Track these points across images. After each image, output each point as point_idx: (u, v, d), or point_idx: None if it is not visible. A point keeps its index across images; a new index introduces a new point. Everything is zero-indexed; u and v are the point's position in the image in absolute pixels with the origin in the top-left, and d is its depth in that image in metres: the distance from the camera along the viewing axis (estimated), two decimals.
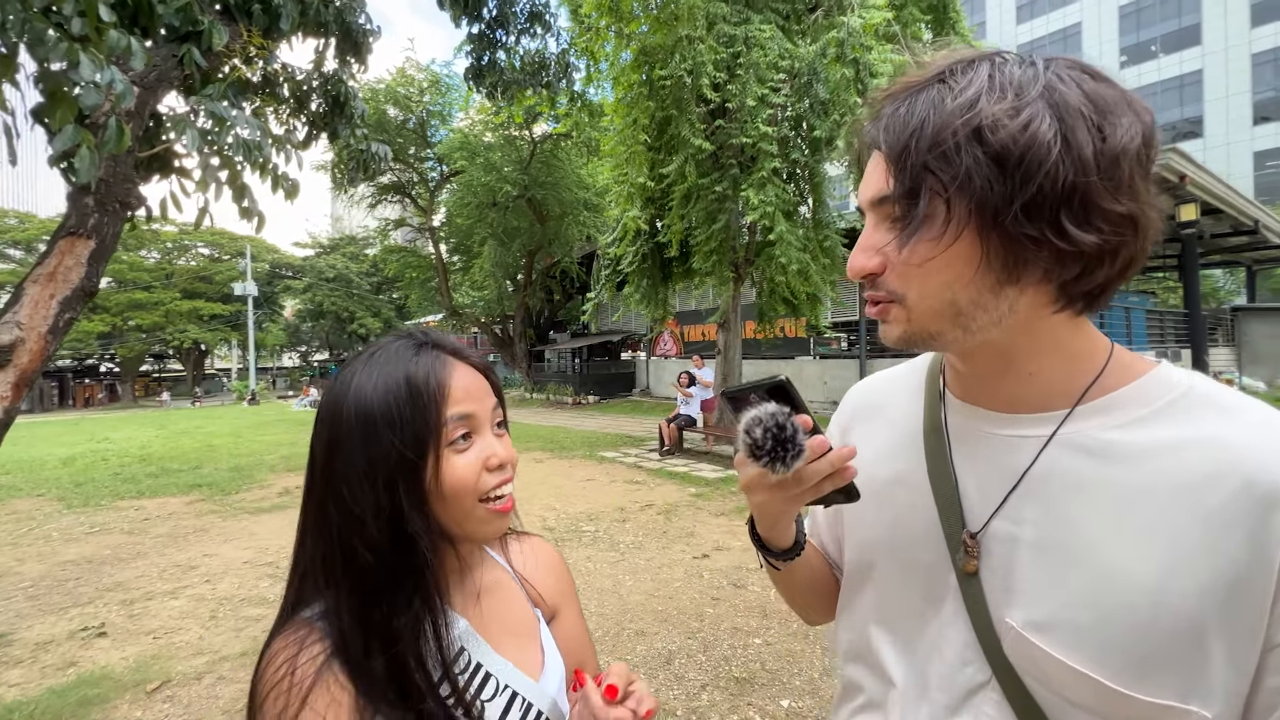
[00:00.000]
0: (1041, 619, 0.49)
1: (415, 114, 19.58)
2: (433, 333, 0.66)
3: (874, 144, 0.50)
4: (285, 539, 5.26)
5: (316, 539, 0.60)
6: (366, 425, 0.58)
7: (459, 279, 23.14)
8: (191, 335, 32.57)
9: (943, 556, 0.56)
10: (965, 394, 0.58)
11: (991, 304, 0.48)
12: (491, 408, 0.65)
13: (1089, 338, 0.52)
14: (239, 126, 3.19)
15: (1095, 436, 0.50)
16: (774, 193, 7.25)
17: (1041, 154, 0.42)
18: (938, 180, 0.45)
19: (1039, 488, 0.51)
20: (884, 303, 0.51)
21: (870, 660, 0.63)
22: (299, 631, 0.57)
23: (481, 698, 0.61)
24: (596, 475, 7.71)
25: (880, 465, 0.63)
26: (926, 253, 0.47)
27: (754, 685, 2.70)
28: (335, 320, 37.84)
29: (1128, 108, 0.44)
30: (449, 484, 0.59)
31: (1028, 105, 0.43)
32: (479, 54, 5.38)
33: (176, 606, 3.84)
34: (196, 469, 9.05)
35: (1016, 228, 0.43)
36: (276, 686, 0.53)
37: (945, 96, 0.45)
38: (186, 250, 35.82)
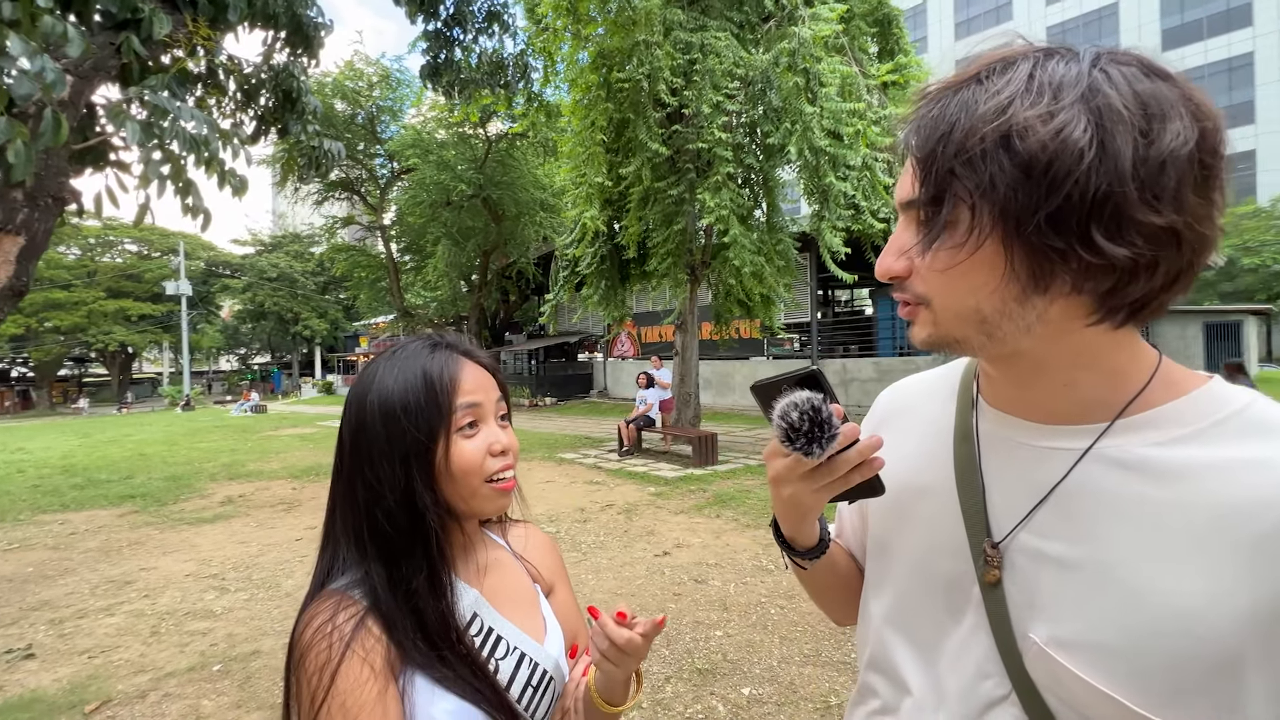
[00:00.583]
0: (1067, 637, 0.47)
1: (364, 109, 18.98)
2: (448, 335, 0.75)
3: (905, 145, 0.48)
4: (230, 550, 5.04)
5: (346, 512, 0.69)
6: (387, 413, 0.67)
7: (411, 279, 22.55)
8: (117, 337, 30.59)
9: (966, 566, 0.55)
10: (999, 401, 0.56)
11: (1018, 313, 0.45)
12: (496, 401, 0.73)
13: (1132, 351, 0.49)
14: (184, 120, 3.07)
15: (1134, 452, 0.48)
16: (729, 196, 7.42)
17: (1071, 162, 0.39)
18: (963, 186, 0.43)
19: (1070, 502, 0.49)
20: (912, 305, 0.51)
21: (888, 666, 0.62)
22: (331, 599, 0.64)
23: (495, 656, 0.69)
24: (556, 477, 7.69)
25: (908, 471, 0.62)
26: (949, 260, 0.45)
27: (716, 675, 2.79)
28: (278, 321, 36.22)
29: (1185, 110, 0.41)
30: (457, 465, 0.68)
31: (1064, 109, 0.40)
32: (435, 52, 5.31)
33: (113, 624, 3.64)
34: (128, 479, 8.53)
35: (1040, 239, 0.41)
36: (317, 644, 0.60)
37: (979, 98, 0.43)
38: (112, 246, 33.59)
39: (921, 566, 0.59)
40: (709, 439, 8.27)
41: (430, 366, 0.69)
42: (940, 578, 0.57)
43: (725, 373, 15.91)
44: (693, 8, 8.09)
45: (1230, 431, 0.46)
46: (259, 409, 21.52)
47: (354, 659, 0.60)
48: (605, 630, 0.67)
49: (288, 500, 6.91)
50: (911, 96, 0.50)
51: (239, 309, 37.29)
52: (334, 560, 0.69)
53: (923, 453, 0.62)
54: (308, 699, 0.59)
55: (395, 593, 0.65)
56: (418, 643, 0.63)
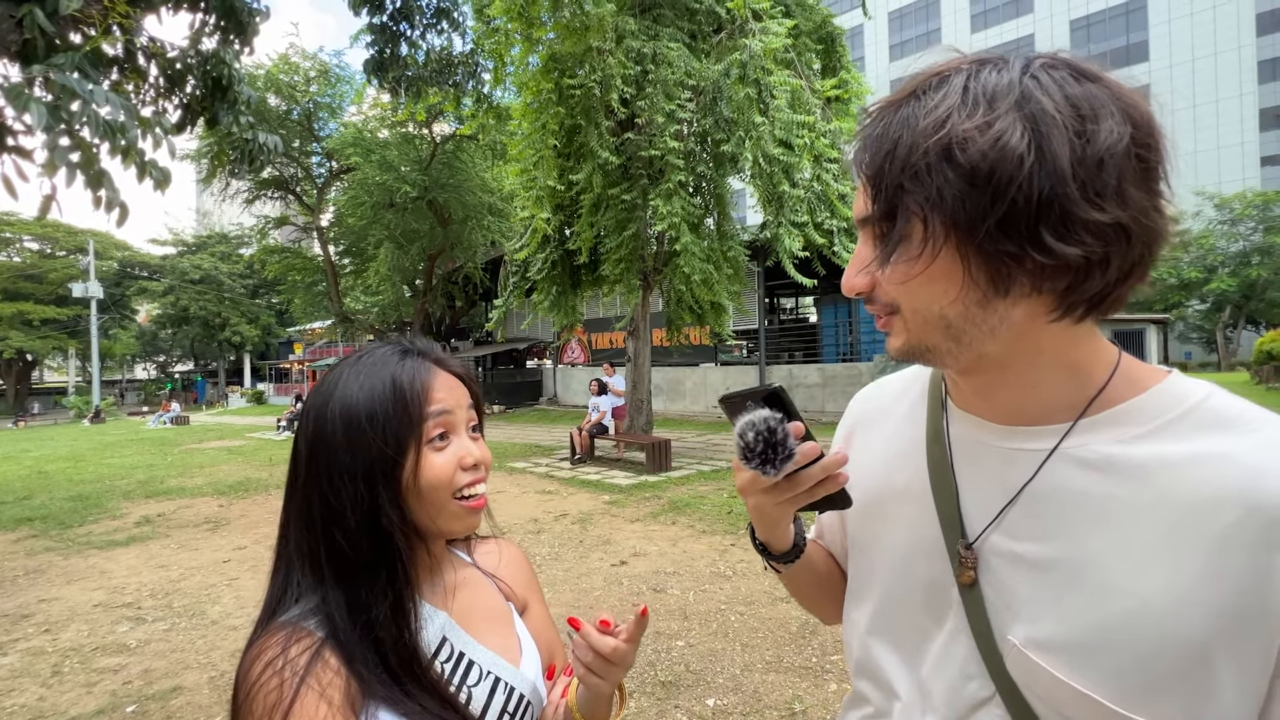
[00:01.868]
0: (1043, 637, 0.48)
1: (300, 105, 18.13)
2: (418, 341, 0.70)
3: (856, 164, 0.50)
4: (147, 575, 4.62)
5: (301, 532, 0.63)
6: (351, 423, 0.62)
7: (350, 282, 21.61)
8: (14, 343, 27.86)
9: (945, 568, 0.55)
10: (966, 404, 0.57)
11: (981, 318, 0.46)
12: (467, 410, 0.69)
13: (1093, 347, 0.50)
14: (97, 103, 2.79)
15: (1098, 450, 0.48)
16: (680, 204, 7.47)
17: (1012, 168, 0.40)
18: (913, 200, 0.44)
19: (1039, 503, 0.50)
20: (885, 316, 0.51)
21: (875, 671, 0.62)
22: (282, 631, 0.58)
23: (468, 683, 0.65)
24: (507, 487, 7.48)
25: (883, 475, 0.63)
26: (907, 272, 0.46)
27: (679, 687, 2.74)
28: (203, 326, 33.94)
29: (1116, 108, 0.42)
30: (426, 479, 0.63)
31: (1000, 117, 0.41)
32: (381, 46, 5.10)
33: (5, 665, 3.24)
34: (25, 500, 7.72)
35: (992, 244, 0.42)
36: (266, 681, 0.54)
37: (919, 113, 0.44)
38: (9, 244, 30.64)
39: (902, 569, 0.60)
40: (662, 445, 8.26)
41: (400, 374, 0.64)
42: (920, 580, 0.57)
43: (677, 379, 16.00)
44: (645, 16, 8.13)
45: (1189, 426, 0.47)
46: (180, 420, 20.06)
47: (309, 695, 0.53)
48: (590, 641, 0.64)
49: (214, 519, 6.42)
50: (857, 115, 0.56)
51: (158, 313, 34.69)
52: (286, 585, 0.63)
53: (896, 456, 0.63)
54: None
55: (355, 621, 0.59)
56: (381, 675, 0.58)
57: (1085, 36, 33.39)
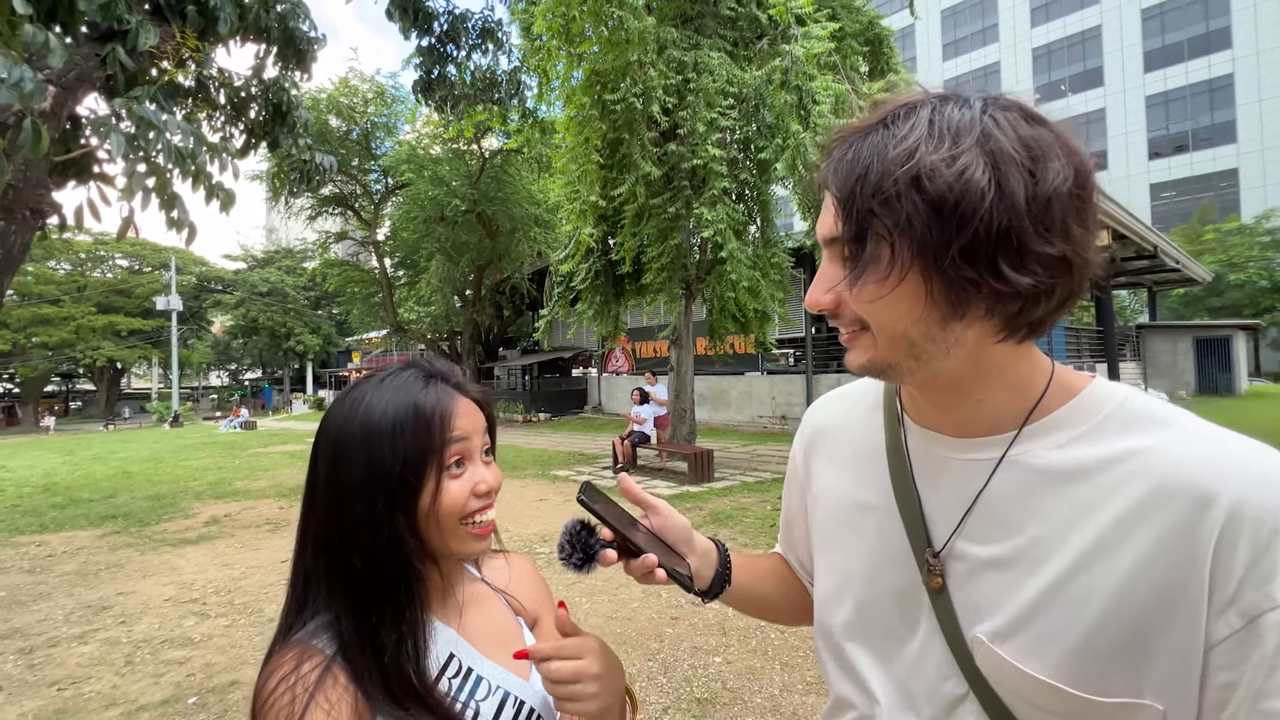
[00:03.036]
0: (1005, 631, 0.52)
1: (359, 125, 19.04)
2: (439, 364, 0.71)
3: (824, 184, 0.52)
4: (213, 573, 4.89)
5: (317, 551, 0.64)
6: (371, 446, 0.62)
7: (404, 294, 22.43)
8: (105, 353, 30.20)
9: (914, 576, 0.58)
10: (921, 418, 0.60)
11: (939, 337, 0.50)
12: (482, 434, 0.69)
13: (1032, 363, 0.54)
14: (169, 132, 3.01)
15: (1040, 457, 0.53)
16: (725, 211, 7.42)
17: (975, 201, 0.43)
18: (882, 224, 0.46)
19: (993, 508, 0.54)
20: (850, 332, 0.54)
21: (855, 678, 0.64)
22: (294, 649, 0.60)
23: (476, 698, 0.66)
24: (550, 495, 7.56)
25: (847, 488, 0.67)
26: (875, 292, 0.49)
27: (716, 705, 2.68)
28: (270, 336, 35.93)
29: (1061, 150, 0.46)
30: (444, 506, 0.64)
31: (964, 153, 0.44)
32: (429, 67, 5.30)
33: (86, 653, 3.49)
34: (110, 498, 8.33)
35: (955, 270, 0.45)
36: (279, 697, 0.56)
37: (888, 142, 0.47)
38: (103, 261, 33.35)
39: (872, 577, 0.62)
40: (705, 455, 8.18)
41: (424, 400, 0.65)
42: (890, 587, 0.60)
43: (721, 388, 15.85)
44: (686, 27, 8.16)
45: (1112, 427, 0.51)
46: (249, 425, 21.24)
47: (317, 711, 0.56)
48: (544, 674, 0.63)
49: (274, 520, 6.75)
50: (825, 138, 0.55)
51: (231, 324, 36.97)
52: (303, 602, 0.64)
53: (858, 471, 0.66)
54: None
55: (364, 640, 0.61)
56: (386, 693, 0.59)
57: (1159, 26, 31.43)
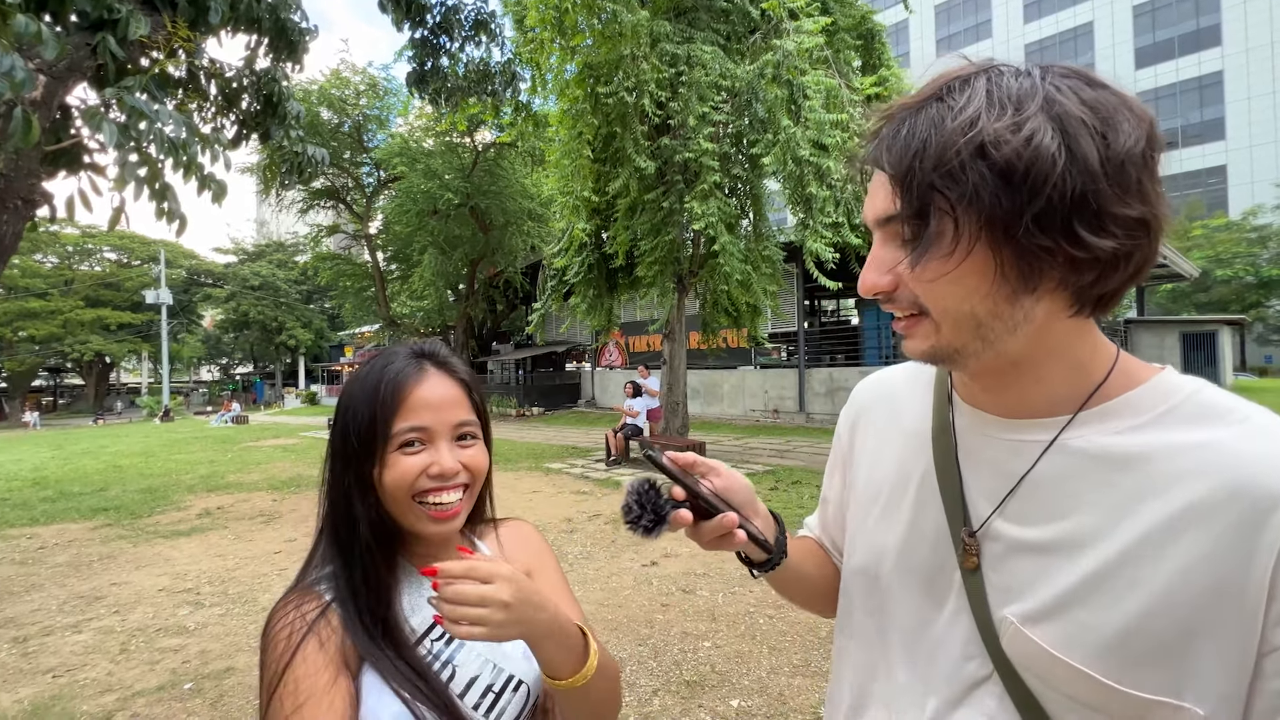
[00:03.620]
0: (1038, 614, 0.50)
1: (351, 117, 18.91)
2: (429, 344, 0.75)
3: (875, 164, 0.51)
4: (206, 564, 4.91)
5: (324, 509, 0.73)
6: (343, 415, 0.71)
7: (397, 288, 22.36)
8: (94, 347, 29.91)
9: (948, 555, 0.58)
10: (972, 398, 0.59)
11: (1008, 314, 0.48)
12: (454, 422, 0.71)
13: (1095, 344, 0.53)
14: (162, 122, 3.01)
15: (1094, 441, 0.51)
16: (717, 205, 7.45)
17: (1047, 166, 0.42)
18: (945, 199, 0.45)
19: (1039, 490, 0.53)
20: (909, 316, 0.52)
21: (873, 655, 0.64)
22: (298, 592, 0.69)
23: (454, 661, 0.70)
24: (543, 487, 7.61)
25: (889, 465, 0.66)
26: (939, 269, 0.47)
27: (704, 688, 2.74)
28: (262, 331, 35.70)
29: (1128, 112, 0.45)
30: (387, 481, 0.68)
31: (1029, 119, 0.43)
32: (422, 59, 5.29)
33: (80, 641, 3.51)
34: (101, 492, 8.30)
35: (1029, 239, 0.44)
36: (280, 631, 0.65)
37: (945, 115, 0.45)
38: (90, 254, 32.98)
39: (907, 557, 0.61)
40: (697, 448, 8.24)
41: (386, 376, 0.70)
42: (922, 565, 0.60)
43: (714, 382, 15.91)
44: (680, 20, 8.16)
45: (1180, 417, 0.49)
46: (240, 420, 21.14)
47: (311, 643, 0.63)
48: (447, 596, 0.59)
49: (267, 512, 6.76)
50: (874, 116, 0.52)
51: (221, 318, 36.70)
52: (315, 554, 0.73)
53: (902, 448, 0.65)
54: (266, 680, 0.62)
55: (348, 589, 0.68)
56: (366, 636, 0.66)
57: (1150, 23, 31.59)
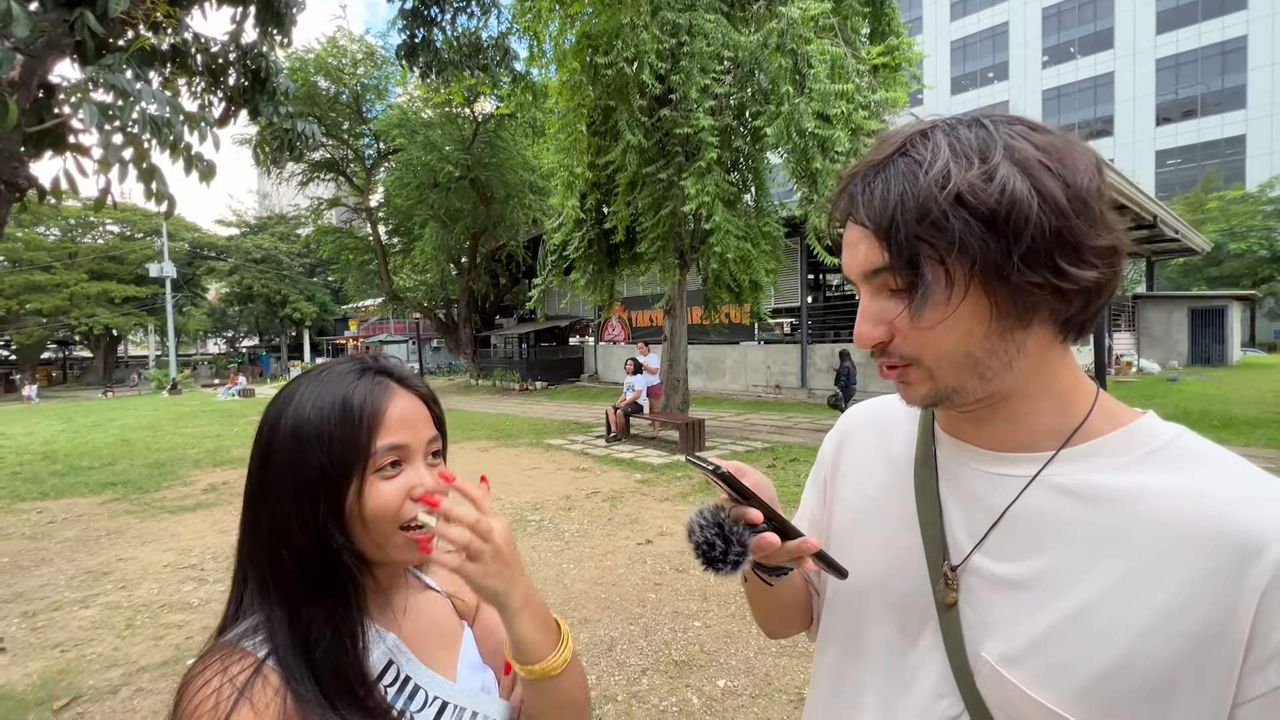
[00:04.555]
0: (1015, 654, 0.50)
1: (349, 87, 18.58)
2: (382, 360, 0.68)
3: (850, 218, 0.52)
4: (211, 539, 5.01)
5: (254, 548, 0.63)
6: (299, 441, 0.61)
7: (399, 262, 22.29)
8: (101, 320, 30.07)
9: (924, 589, 0.57)
10: (956, 431, 0.59)
11: (1003, 349, 0.50)
12: (428, 439, 0.66)
13: (1076, 378, 0.54)
14: (145, 101, 2.95)
15: (1077, 479, 0.51)
16: (714, 181, 7.32)
17: (1025, 209, 0.45)
18: (933, 248, 0.47)
19: (1019, 526, 0.52)
20: (900, 367, 0.53)
21: (845, 688, 0.64)
22: (220, 654, 0.58)
23: (412, 709, 0.64)
24: (543, 463, 7.68)
25: (869, 495, 0.66)
26: (938, 316, 0.49)
27: (692, 667, 2.80)
28: (266, 304, 35.77)
29: (1074, 151, 0.48)
30: (370, 509, 0.61)
31: (997, 167, 0.46)
32: (412, 30, 5.16)
33: (87, 616, 3.60)
34: (109, 466, 8.44)
35: (1020, 278, 0.46)
36: (204, 700, 0.53)
37: (915, 170, 0.47)
38: (93, 228, 32.89)
39: (882, 589, 0.61)
40: (696, 425, 8.28)
41: (353, 395, 0.62)
42: (897, 599, 0.59)
43: (716, 357, 15.90)
44: None
45: (1162, 461, 0.50)
46: (246, 393, 21.32)
47: (244, 710, 0.53)
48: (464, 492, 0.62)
49: None
50: (837, 180, 0.54)
51: (225, 291, 36.73)
52: (239, 601, 0.63)
53: (884, 478, 0.65)
54: None
55: (295, 640, 0.59)
56: (319, 694, 0.57)
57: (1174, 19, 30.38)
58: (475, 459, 8.05)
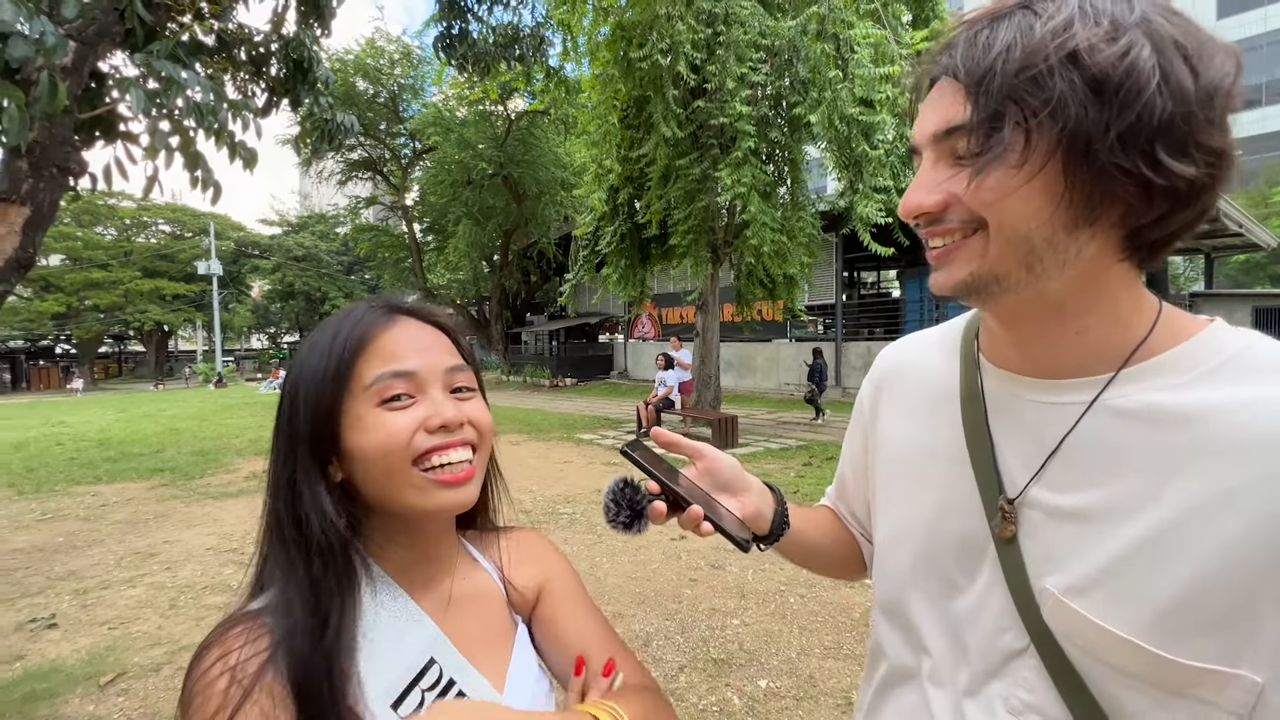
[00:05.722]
0: (1081, 584, 0.48)
1: (386, 87, 18.94)
2: (392, 296, 0.63)
3: (946, 72, 0.47)
4: (251, 525, 5.09)
5: (265, 514, 0.59)
6: (291, 389, 0.56)
7: (433, 259, 22.64)
8: (153, 316, 31.39)
9: (980, 524, 0.55)
10: (1002, 360, 0.56)
11: (1063, 244, 0.45)
12: (445, 368, 0.58)
13: (1139, 296, 0.50)
14: (191, 89, 2.99)
15: (1139, 399, 0.48)
16: (750, 173, 7.17)
17: (1142, 82, 0.40)
18: (1024, 107, 0.42)
19: (1079, 454, 0.50)
20: (950, 244, 0.48)
21: (906, 629, 0.62)
22: (242, 624, 0.53)
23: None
24: (574, 457, 7.65)
25: (916, 433, 0.63)
26: (1004, 183, 0.44)
27: (732, 666, 2.69)
28: (306, 300, 36.82)
29: (1217, 46, 0.44)
30: (373, 441, 0.53)
31: (1125, 33, 0.41)
32: (450, 22, 5.16)
33: (134, 595, 3.69)
34: (158, 453, 8.75)
35: (1110, 158, 0.41)
36: (212, 683, 0.49)
37: (1033, 23, 0.43)
38: (146, 227, 34.38)
39: (934, 527, 0.59)
40: (729, 421, 8.14)
41: (341, 327, 0.56)
42: (953, 537, 0.57)
43: (748, 355, 15.69)
44: None
45: (1230, 373, 0.46)
46: None
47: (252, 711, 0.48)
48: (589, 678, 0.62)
49: None
50: (947, 27, 0.49)
51: (268, 288, 37.98)
52: (262, 569, 0.58)
53: (929, 416, 0.62)
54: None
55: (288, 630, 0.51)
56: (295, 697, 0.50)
57: None
58: (508, 452, 8.07)
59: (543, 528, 4.76)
